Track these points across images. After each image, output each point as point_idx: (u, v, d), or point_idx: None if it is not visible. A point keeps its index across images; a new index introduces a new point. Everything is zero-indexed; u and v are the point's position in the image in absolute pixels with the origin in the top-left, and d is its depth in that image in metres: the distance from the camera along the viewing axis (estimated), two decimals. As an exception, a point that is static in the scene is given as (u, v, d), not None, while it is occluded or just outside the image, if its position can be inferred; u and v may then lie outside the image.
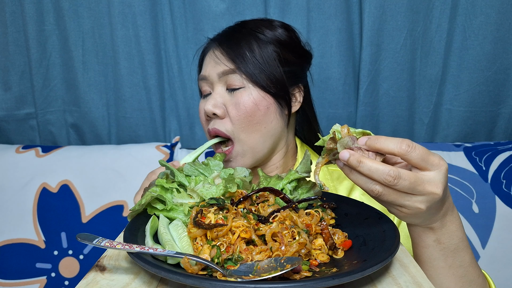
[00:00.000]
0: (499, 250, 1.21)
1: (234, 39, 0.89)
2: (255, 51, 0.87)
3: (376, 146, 0.53)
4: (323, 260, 0.55)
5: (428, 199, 0.54)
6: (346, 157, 0.53)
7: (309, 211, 0.61)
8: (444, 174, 0.54)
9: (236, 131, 0.86)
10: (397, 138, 0.53)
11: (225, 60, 0.87)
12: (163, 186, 0.65)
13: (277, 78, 0.87)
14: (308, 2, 1.40)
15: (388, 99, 1.45)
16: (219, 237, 0.54)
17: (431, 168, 0.53)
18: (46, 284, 1.32)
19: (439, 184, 0.53)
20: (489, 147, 1.33)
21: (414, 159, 0.52)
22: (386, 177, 0.51)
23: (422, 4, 1.37)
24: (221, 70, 0.87)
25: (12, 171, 1.36)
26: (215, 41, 0.92)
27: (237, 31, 0.92)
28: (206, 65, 0.91)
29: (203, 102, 0.92)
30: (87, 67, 1.50)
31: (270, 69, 0.87)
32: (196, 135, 1.56)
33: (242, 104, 0.85)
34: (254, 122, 0.86)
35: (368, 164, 0.52)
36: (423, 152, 0.52)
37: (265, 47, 0.88)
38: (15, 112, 1.54)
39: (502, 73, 1.40)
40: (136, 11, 1.43)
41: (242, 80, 0.86)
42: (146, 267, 0.48)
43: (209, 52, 0.92)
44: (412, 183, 0.52)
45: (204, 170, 0.71)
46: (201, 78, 0.92)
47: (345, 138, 0.55)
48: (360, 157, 0.53)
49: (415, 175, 0.52)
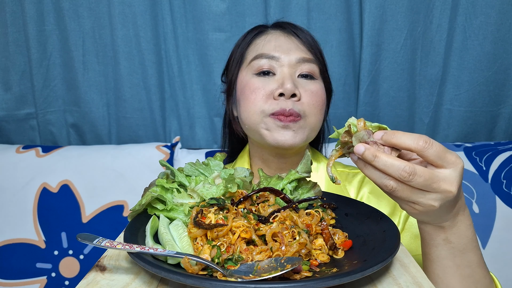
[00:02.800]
0: (499, 250, 1.21)
1: (304, 33, 0.94)
2: (320, 49, 0.96)
3: (393, 141, 0.52)
4: (324, 260, 0.55)
5: (442, 197, 0.53)
6: (361, 151, 0.53)
7: (310, 211, 0.61)
8: (459, 173, 0.53)
9: (308, 113, 0.88)
10: (414, 134, 0.52)
11: (306, 49, 0.92)
12: (163, 186, 0.65)
13: (329, 79, 0.98)
14: (308, 2, 1.40)
15: (388, 99, 1.45)
16: (219, 237, 0.54)
17: (447, 166, 0.52)
18: (46, 284, 1.32)
19: (454, 182, 0.52)
20: (490, 147, 1.33)
21: (430, 156, 0.51)
22: (402, 172, 0.50)
23: (422, 4, 1.37)
24: (302, 57, 0.90)
25: (12, 171, 1.36)
26: (283, 29, 0.95)
27: (297, 27, 0.96)
28: (277, 46, 0.91)
29: (261, 81, 0.89)
30: (87, 67, 1.50)
31: (326, 69, 0.98)
32: (196, 135, 1.56)
33: (317, 94, 0.90)
34: (320, 113, 0.91)
35: (383, 159, 0.51)
36: (440, 149, 0.52)
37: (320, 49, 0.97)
38: (15, 112, 1.54)
39: (503, 73, 1.40)
40: (136, 11, 1.43)
41: (316, 71, 0.92)
42: (146, 267, 0.48)
43: (273, 36, 0.94)
44: (427, 180, 0.51)
45: (204, 170, 0.71)
46: (266, 57, 0.90)
47: (361, 131, 0.54)
48: (376, 152, 0.52)
49: (430, 172, 0.52)
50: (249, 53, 0.94)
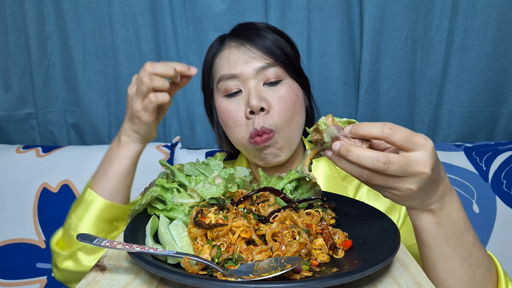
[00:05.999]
0: (499, 250, 1.21)
1: (259, 36, 0.90)
2: (285, 46, 0.91)
3: (360, 132, 0.53)
4: (324, 260, 0.55)
5: (418, 180, 0.53)
6: (338, 147, 0.54)
7: (310, 211, 0.61)
8: (430, 153, 0.53)
9: (280, 124, 0.86)
10: (380, 123, 0.53)
11: (262, 55, 0.88)
12: (163, 186, 0.65)
13: (302, 72, 0.94)
14: (308, 2, 1.40)
15: (389, 99, 1.45)
16: (219, 237, 0.54)
17: (416, 148, 0.53)
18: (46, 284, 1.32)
19: (427, 163, 0.53)
20: (490, 147, 1.33)
21: (398, 141, 0.52)
22: (376, 163, 0.51)
23: (423, 4, 1.37)
24: (260, 65, 0.87)
25: (13, 171, 1.36)
26: (237, 38, 0.91)
27: (253, 30, 0.91)
28: (233, 63, 0.88)
29: (232, 103, 0.88)
30: (88, 67, 1.50)
31: (297, 62, 0.93)
32: (196, 135, 1.56)
33: (287, 96, 0.87)
34: (295, 113, 0.88)
35: (356, 152, 0.52)
36: (407, 133, 0.52)
37: (287, 42, 0.93)
38: (16, 112, 1.54)
39: (503, 73, 1.40)
40: (137, 11, 1.43)
41: (281, 73, 0.88)
42: (146, 267, 0.48)
43: (227, 52, 0.90)
44: (402, 166, 0.52)
45: (204, 170, 0.71)
46: (227, 77, 0.88)
47: (330, 127, 0.55)
48: (349, 146, 0.53)
49: (404, 157, 0.52)
50: (213, 75, 0.93)
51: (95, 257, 0.86)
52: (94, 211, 0.87)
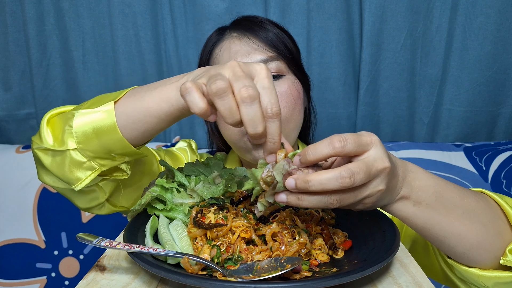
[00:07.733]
0: (499, 250, 1.21)
1: (262, 28, 0.86)
2: (287, 41, 0.88)
3: (310, 158, 0.48)
4: (323, 260, 0.55)
5: (383, 177, 0.51)
6: (293, 184, 0.47)
7: (310, 211, 0.61)
8: (381, 146, 0.51)
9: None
10: (325, 140, 0.49)
11: (265, 47, 0.84)
12: (163, 186, 0.65)
13: (303, 69, 0.91)
14: (308, 2, 1.40)
15: (388, 99, 1.45)
16: (219, 237, 0.54)
17: (368, 148, 0.50)
18: (46, 284, 1.32)
19: (383, 157, 0.50)
20: (489, 147, 1.33)
21: (351, 149, 0.48)
22: (342, 180, 0.46)
23: (422, 4, 1.37)
24: (262, 58, 0.83)
25: (12, 171, 1.36)
26: (239, 29, 0.87)
27: (255, 22, 0.88)
28: (234, 54, 0.84)
29: None
30: (87, 67, 1.50)
31: (299, 59, 0.90)
32: (196, 135, 1.56)
33: (288, 93, 0.84)
34: (295, 111, 0.85)
35: (317, 179, 0.46)
36: (355, 138, 0.49)
37: (289, 38, 0.90)
38: (16, 112, 1.54)
39: (503, 73, 1.40)
40: (136, 11, 1.43)
41: (283, 68, 0.85)
42: (146, 267, 0.48)
43: (228, 42, 0.87)
44: (366, 171, 0.48)
45: (204, 169, 0.71)
46: None
47: (280, 162, 0.50)
48: (304, 176, 0.47)
49: (362, 162, 0.48)
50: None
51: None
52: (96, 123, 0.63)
